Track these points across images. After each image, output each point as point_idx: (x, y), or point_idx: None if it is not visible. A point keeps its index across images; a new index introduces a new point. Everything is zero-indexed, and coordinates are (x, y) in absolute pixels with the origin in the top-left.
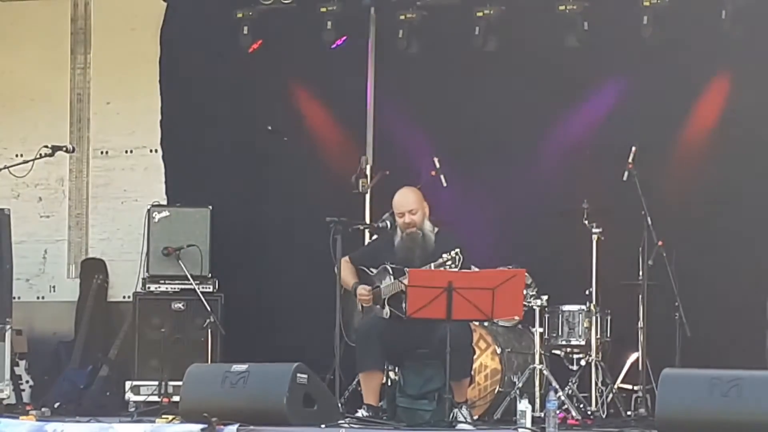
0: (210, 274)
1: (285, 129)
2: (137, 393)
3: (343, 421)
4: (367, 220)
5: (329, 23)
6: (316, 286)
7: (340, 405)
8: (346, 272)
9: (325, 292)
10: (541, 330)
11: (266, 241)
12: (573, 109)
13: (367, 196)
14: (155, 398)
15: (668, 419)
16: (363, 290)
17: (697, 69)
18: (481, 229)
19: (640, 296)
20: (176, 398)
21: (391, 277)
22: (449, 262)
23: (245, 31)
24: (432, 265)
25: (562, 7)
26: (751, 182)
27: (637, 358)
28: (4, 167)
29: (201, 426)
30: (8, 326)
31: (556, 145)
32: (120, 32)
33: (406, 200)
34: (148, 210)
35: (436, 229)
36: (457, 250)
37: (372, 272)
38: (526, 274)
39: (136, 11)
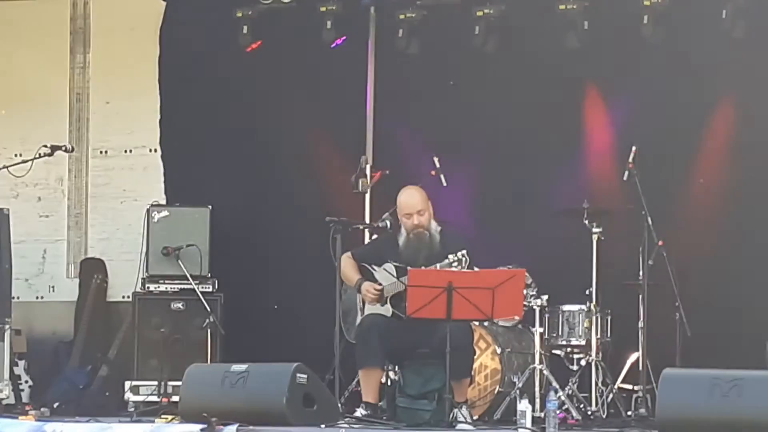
0: (210, 274)
1: (284, 129)
2: (137, 393)
3: (342, 421)
4: (367, 220)
5: (329, 23)
6: (316, 286)
7: (339, 405)
8: (349, 268)
9: (325, 292)
10: (541, 330)
11: (266, 241)
12: (573, 109)
13: (367, 196)
14: (155, 398)
15: (668, 419)
16: (370, 287)
17: (696, 69)
18: (482, 229)
19: (641, 296)
20: (176, 398)
21: (394, 276)
22: (455, 264)
23: (245, 31)
24: (438, 265)
25: (562, 7)
26: (752, 181)
27: (638, 358)
28: (4, 167)
29: (201, 426)
30: (7, 326)
31: (556, 144)
32: (119, 32)
33: (414, 201)
34: (148, 210)
35: (440, 228)
36: (464, 251)
37: (374, 270)
38: (526, 274)
39: (135, 11)
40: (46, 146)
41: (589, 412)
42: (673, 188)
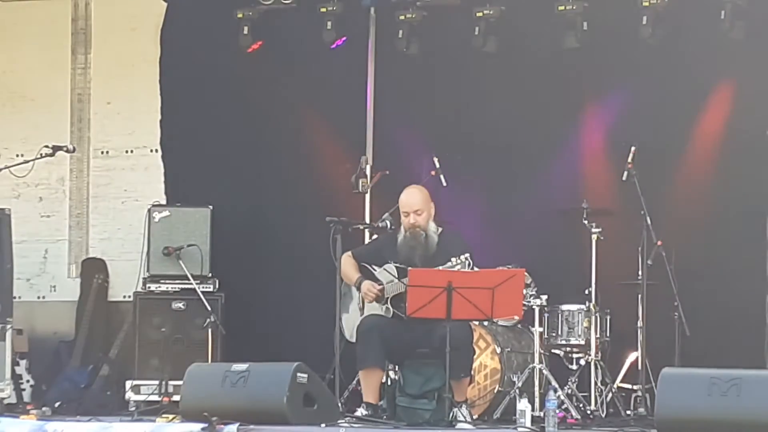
0: (210, 274)
1: (284, 129)
2: (138, 392)
3: (342, 421)
4: (367, 220)
5: (329, 23)
6: (316, 286)
7: (340, 404)
8: (349, 267)
9: (325, 292)
10: (541, 329)
11: (266, 241)
12: (572, 109)
13: (367, 196)
14: (156, 398)
15: (667, 419)
16: (371, 287)
17: (696, 69)
18: (481, 229)
19: (640, 296)
20: (176, 398)
21: (394, 277)
22: (458, 267)
23: (245, 31)
24: (440, 268)
25: (561, 8)
26: (751, 182)
27: (637, 358)
28: (5, 167)
29: (201, 425)
30: (9, 326)
31: (556, 144)
32: (120, 32)
33: (413, 200)
34: (149, 210)
35: (440, 230)
36: (467, 255)
37: (375, 269)
38: (526, 273)
39: (136, 11)
40: (47, 146)
41: (589, 412)
42: (672, 188)
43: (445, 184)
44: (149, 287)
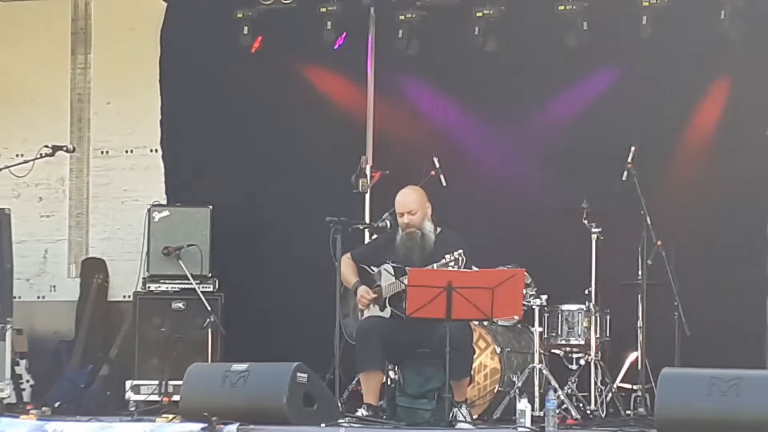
0: (210, 274)
1: (284, 129)
2: (137, 392)
3: (342, 421)
4: (367, 220)
5: (329, 23)
6: (316, 286)
7: (339, 404)
8: (347, 269)
9: (325, 292)
10: (541, 329)
11: (266, 241)
12: (573, 109)
13: (367, 196)
14: (155, 397)
15: (667, 418)
16: (365, 294)
17: (696, 69)
18: (481, 229)
19: (640, 296)
20: (176, 397)
21: (392, 276)
22: (452, 263)
23: (245, 31)
24: (435, 265)
25: (561, 7)
26: (751, 182)
27: (637, 358)
28: (5, 167)
29: (201, 425)
30: (9, 326)
31: (555, 144)
32: (120, 32)
33: (406, 201)
34: (149, 210)
35: (438, 230)
36: (461, 251)
37: (373, 270)
38: (526, 273)
39: (136, 11)
40: (47, 146)
41: (588, 412)
42: (672, 188)
43: (445, 184)
44: (149, 287)
